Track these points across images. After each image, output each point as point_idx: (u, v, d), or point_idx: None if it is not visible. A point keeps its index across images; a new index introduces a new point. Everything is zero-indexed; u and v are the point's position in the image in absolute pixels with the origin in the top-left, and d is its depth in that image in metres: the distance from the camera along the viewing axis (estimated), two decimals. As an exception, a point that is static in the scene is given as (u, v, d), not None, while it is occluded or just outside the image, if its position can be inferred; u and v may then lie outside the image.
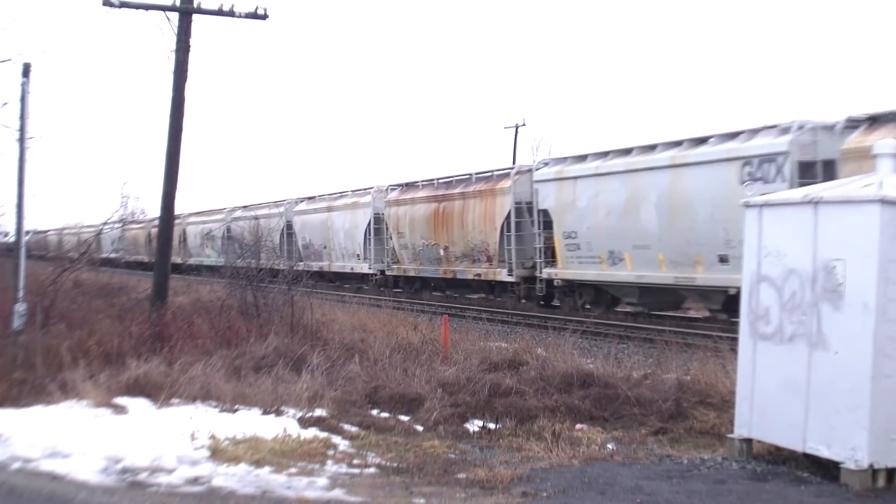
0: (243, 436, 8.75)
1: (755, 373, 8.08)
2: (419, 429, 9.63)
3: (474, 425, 9.80)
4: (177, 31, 16.07)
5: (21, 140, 15.48)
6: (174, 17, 16.09)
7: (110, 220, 21.67)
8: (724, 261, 18.57)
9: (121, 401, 10.15)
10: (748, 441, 8.18)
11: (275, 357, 12.26)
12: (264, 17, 16.71)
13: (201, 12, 16.23)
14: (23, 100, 15.37)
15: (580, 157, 23.88)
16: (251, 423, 9.24)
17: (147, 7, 16.05)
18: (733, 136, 19.29)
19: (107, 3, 15.77)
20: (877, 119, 16.56)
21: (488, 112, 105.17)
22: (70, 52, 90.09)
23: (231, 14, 16.43)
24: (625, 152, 22.27)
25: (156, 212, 17.36)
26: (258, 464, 7.96)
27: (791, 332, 7.69)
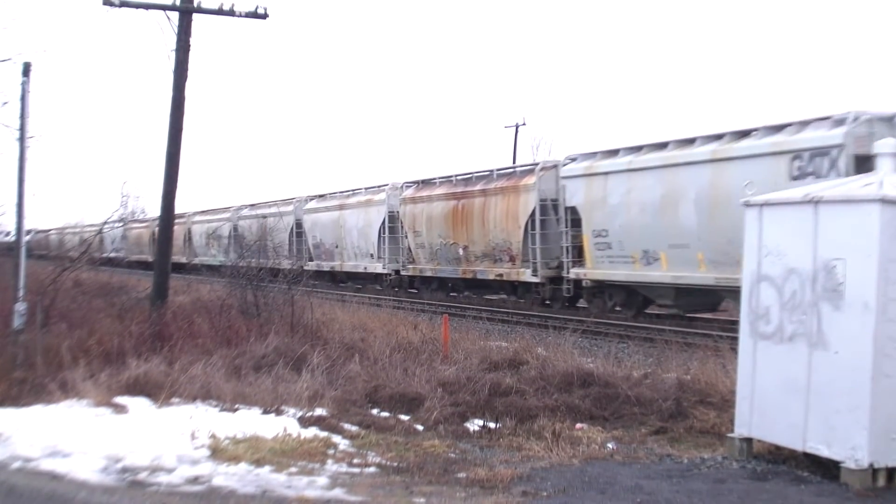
0: (243, 435, 8.75)
1: (755, 372, 8.08)
2: (419, 428, 9.63)
3: (474, 425, 9.80)
4: (177, 30, 16.08)
5: (21, 139, 15.49)
6: (174, 16, 16.12)
7: (111, 220, 21.69)
8: None
9: (121, 400, 10.16)
10: (748, 440, 8.18)
11: (275, 356, 12.26)
12: (264, 16, 16.73)
13: (201, 12, 16.24)
14: (23, 99, 15.37)
15: (611, 152, 22.55)
16: (251, 422, 9.25)
17: (147, 6, 16.06)
18: (780, 128, 18.09)
19: (107, 3, 15.78)
20: None
21: (488, 111, 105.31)
22: (70, 52, 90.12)
23: (231, 13, 16.44)
24: (660, 146, 21.06)
25: (157, 211, 17.37)
26: (258, 463, 7.96)
27: (791, 332, 7.70)
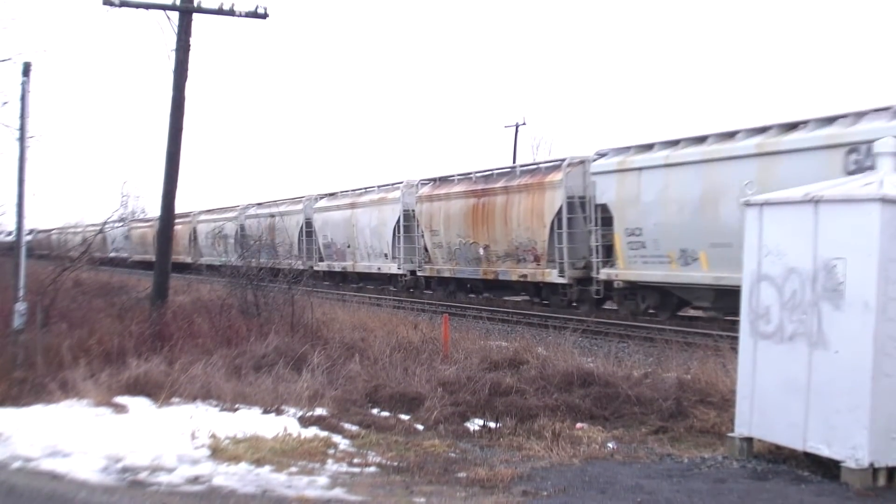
0: (244, 435, 8.75)
1: (755, 372, 8.08)
2: (419, 428, 9.62)
3: (475, 424, 9.79)
4: (177, 30, 16.09)
5: (21, 139, 15.48)
6: (174, 16, 16.13)
7: (111, 220, 21.70)
8: None
9: (121, 400, 10.15)
10: (748, 440, 8.18)
11: (275, 356, 12.25)
12: (264, 16, 16.73)
13: (201, 11, 16.24)
14: (23, 99, 15.36)
15: (645, 147, 21.49)
16: (251, 422, 9.24)
17: (147, 6, 16.06)
18: (832, 120, 17.11)
19: (107, 3, 15.79)
20: None
21: (488, 111, 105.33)
22: (70, 52, 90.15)
23: (231, 13, 16.44)
24: (698, 140, 19.95)
25: (157, 211, 17.38)
26: (258, 463, 7.95)
27: (791, 331, 7.69)
